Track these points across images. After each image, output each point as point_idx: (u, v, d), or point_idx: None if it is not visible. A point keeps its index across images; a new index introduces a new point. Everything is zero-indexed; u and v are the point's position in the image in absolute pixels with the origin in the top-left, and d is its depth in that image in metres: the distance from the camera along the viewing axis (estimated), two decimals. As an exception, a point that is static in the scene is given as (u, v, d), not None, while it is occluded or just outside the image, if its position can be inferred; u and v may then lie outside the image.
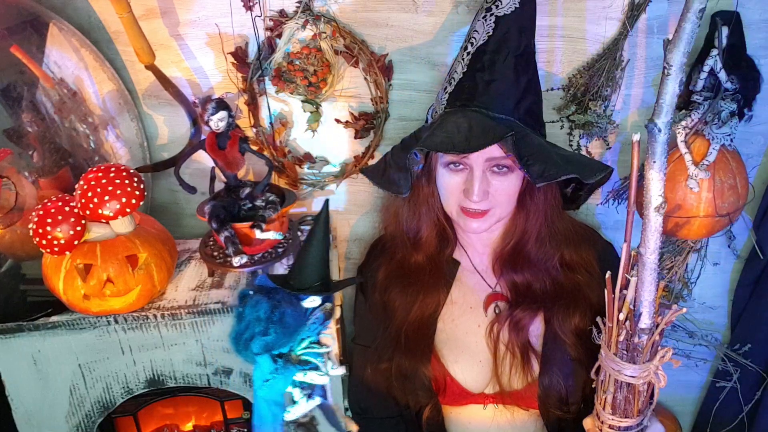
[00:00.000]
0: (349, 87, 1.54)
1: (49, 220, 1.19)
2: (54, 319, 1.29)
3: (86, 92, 1.47)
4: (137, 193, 1.24)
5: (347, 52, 1.49)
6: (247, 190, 1.40)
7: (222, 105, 1.31)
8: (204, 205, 1.36)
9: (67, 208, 1.21)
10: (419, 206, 1.41)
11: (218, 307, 1.32)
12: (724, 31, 1.34)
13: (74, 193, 1.23)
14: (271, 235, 1.36)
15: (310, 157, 1.62)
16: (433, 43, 1.49)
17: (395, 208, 1.47)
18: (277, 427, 1.20)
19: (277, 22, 1.45)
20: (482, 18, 1.27)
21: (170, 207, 1.66)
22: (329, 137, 1.60)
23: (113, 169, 1.24)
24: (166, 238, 1.37)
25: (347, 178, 1.64)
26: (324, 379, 1.21)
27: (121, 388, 1.37)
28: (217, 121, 1.31)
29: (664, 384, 1.14)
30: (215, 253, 1.41)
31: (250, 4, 1.42)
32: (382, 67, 1.49)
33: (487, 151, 1.23)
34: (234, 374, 1.38)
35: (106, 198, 1.21)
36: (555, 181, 1.23)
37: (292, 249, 1.44)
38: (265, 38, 1.47)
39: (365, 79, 1.52)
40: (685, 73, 1.44)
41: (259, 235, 1.34)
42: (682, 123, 1.39)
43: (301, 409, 1.21)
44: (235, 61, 1.49)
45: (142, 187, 1.26)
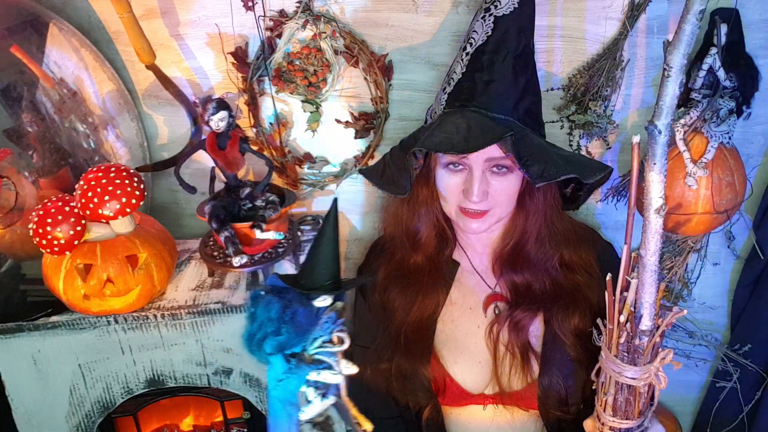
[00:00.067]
0: (349, 87, 1.54)
1: (49, 220, 1.19)
2: (54, 319, 1.29)
3: (86, 92, 1.47)
4: (137, 193, 1.24)
5: (347, 52, 1.49)
6: (247, 190, 1.40)
7: (222, 105, 1.31)
8: (204, 205, 1.36)
9: (67, 208, 1.22)
10: (418, 207, 1.41)
11: (218, 307, 1.32)
12: (723, 29, 1.34)
13: (74, 193, 1.23)
14: (271, 235, 1.36)
15: (310, 157, 1.62)
16: (432, 43, 1.49)
17: (394, 209, 1.46)
18: (292, 427, 1.20)
19: (277, 22, 1.45)
20: (481, 18, 1.27)
21: (170, 207, 1.66)
22: (329, 137, 1.60)
23: (113, 169, 1.24)
24: (166, 238, 1.37)
25: (347, 179, 1.64)
26: (337, 378, 1.21)
27: (121, 388, 1.37)
28: (218, 121, 1.31)
29: (664, 385, 1.14)
30: (215, 253, 1.41)
31: (250, 4, 1.43)
32: (382, 67, 1.49)
33: (486, 152, 1.23)
34: (234, 374, 1.38)
35: (106, 198, 1.21)
36: (554, 181, 1.23)
37: (292, 249, 1.45)
38: (265, 38, 1.47)
39: (365, 79, 1.52)
40: (684, 74, 1.45)
41: (259, 235, 1.34)
42: (681, 121, 1.39)
43: (316, 409, 1.21)
44: (235, 61, 1.49)
45: (142, 187, 1.26)
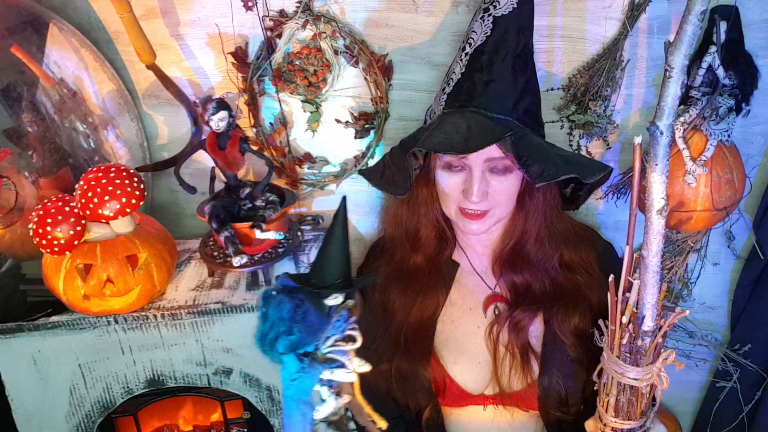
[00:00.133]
0: (349, 87, 1.54)
1: (49, 220, 1.19)
2: (54, 319, 1.29)
3: (86, 92, 1.47)
4: (137, 193, 1.24)
5: (347, 52, 1.49)
6: (247, 190, 1.40)
7: (222, 105, 1.31)
8: (204, 205, 1.36)
9: (67, 208, 1.22)
10: (418, 207, 1.41)
11: (218, 307, 1.32)
12: (723, 27, 1.34)
13: (74, 193, 1.23)
14: (271, 235, 1.36)
15: (310, 157, 1.62)
16: (432, 43, 1.49)
17: (394, 210, 1.46)
18: (306, 426, 1.20)
19: (277, 22, 1.45)
20: (480, 18, 1.27)
21: (170, 207, 1.66)
22: (329, 137, 1.60)
23: (113, 169, 1.24)
24: (166, 238, 1.37)
25: (347, 179, 1.64)
26: (351, 377, 1.21)
27: (121, 388, 1.37)
28: (218, 121, 1.31)
29: (666, 386, 1.14)
30: (215, 253, 1.41)
31: (250, 4, 1.42)
32: (382, 67, 1.49)
33: (486, 152, 1.23)
34: (234, 374, 1.38)
35: (106, 198, 1.21)
36: (554, 182, 1.23)
37: (292, 249, 1.44)
38: (265, 38, 1.47)
39: (365, 79, 1.52)
40: (685, 75, 1.45)
41: (259, 235, 1.34)
42: (680, 119, 1.39)
43: (330, 408, 1.21)
44: (235, 61, 1.49)
45: (142, 187, 1.26)
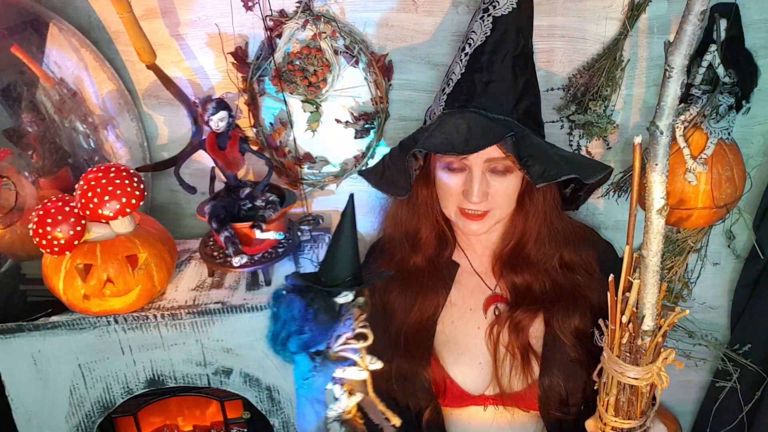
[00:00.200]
0: (349, 87, 1.54)
1: (49, 220, 1.19)
2: (54, 319, 1.29)
3: (86, 92, 1.46)
4: (137, 193, 1.24)
5: (347, 52, 1.49)
6: (247, 190, 1.40)
7: (222, 105, 1.31)
8: (204, 205, 1.36)
9: (67, 208, 1.21)
10: (418, 208, 1.41)
11: (218, 307, 1.32)
12: (723, 24, 1.34)
13: (74, 193, 1.23)
14: (271, 235, 1.36)
15: (310, 157, 1.62)
16: (432, 43, 1.49)
17: (394, 210, 1.46)
18: (321, 424, 1.20)
19: (277, 22, 1.45)
20: (479, 19, 1.27)
21: (170, 207, 1.66)
22: (329, 137, 1.60)
23: (113, 169, 1.24)
24: (166, 238, 1.37)
25: (347, 179, 1.64)
26: (363, 375, 1.21)
27: (121, 388, 1.37)
28: (218, 121, 1.31)
29: (666, 385, 1.14)
30: (215, 253, 1.41)
31: (250, 4, 1.42)
32: (382, 67, 1.49)
33: (486, 152, 1.23)
34: (234, 374, 1.38)
35: (106, 198, 1.21)
36: (555, 182, 1.23)
37: (291, 249, 1.44)
38: (265, 38, 1.47)
39: (365, 79, 1.52)
40: (685, 74, 1.45)
41: (259, 235, 1.34)
42: (681, 117, 1.39)
43: (343, 406, 1.21)
44: (235, 61, 1.49)
45: (142, 187, 1.26)
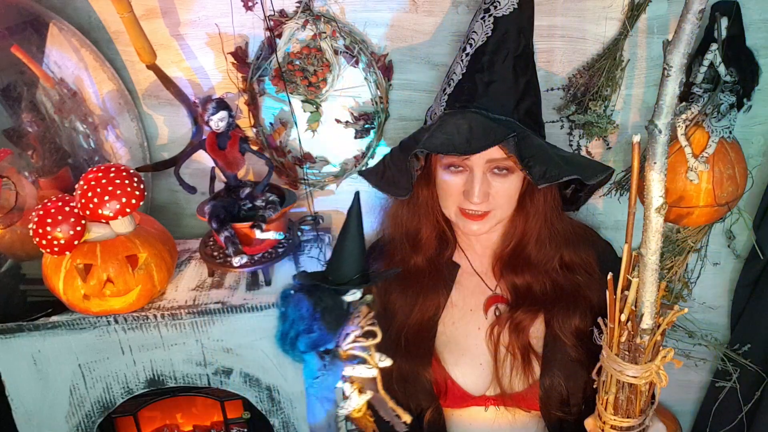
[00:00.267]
0: (349, 87, 1.54)
1: (49, 220, 1.19)
2: (54, 319, 1.29)
3: (86, 92, 1.47)
4: (137, 193, 1.24)
5: (347, 52, 1.49)
6: (247, 190, 1.40)
7: (222, 105, 1.31)
8: (204, 205, 1.36)
9: (67, 208, 1.21)
10: (418, 208, 1.41)
11: (218, 307, 1.32)
12: (724, 23, 1.34)
13: (74, 193, 1.23)
14: (271, 235, 1.36)
15: (310, 157, 1.62)
16: (432, 43, 1.49)
17: (395, 210, 1.46)
18: (332, 423, 1.20)
19: (277, 22, 1.45)
20: (480, 19, 1.27)
21: (170, 207, 1.66)
22: (329, 137, 1.60)
23: (113, 169, 1.23)
24: (166, 238, 1.36)
25: (347, 179, 1.64)
26: (372, 372, 1.21)
27: (121, 388, 1.37)
28: (218, 121, 1.31)
29: (665, 384, 1.14)
30: (215, 253, 1.41)
31: (250, 4, 1.43)
32: (382, 67, 1.49)
33: (487, 153, 1.23)
34: (234, 374, 1.38)
35: (106, 198, 1.20)
36: (556, 183, 1.23)
37: (291, 249, 1.44)
38: (265, 38, 1.47)
39: (365, 79, 1.52)
40: (683, 73, 1.45)
41: (259, 235, 1.34)
42: (682, 116, 1.39)
43: (354, 404, 1.21)
44: (235, 61, 1.49)
45: (142, 187, 1.26)
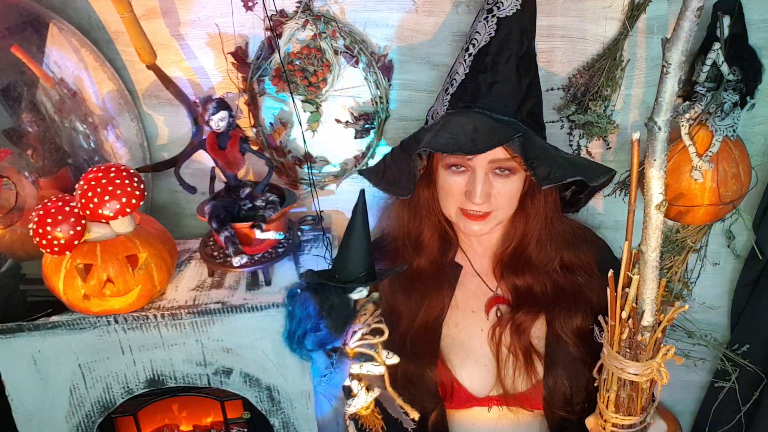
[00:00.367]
0: (349, 87, 1.54)
1: (49, 220, 1.19)
2: (54, 319, 1.29)
3: (86, 92, 1.47)
4: (137, 193, 1.24)
5: (347, 52, 1.49)
6: (247, 190, 1.40)
7: (222, 105, 1.31)
8: (204, 205, 1.36)
9: (67, 208, 1.21)
10: (420, 209, 1.41)
11: (218, 307, 1.31)
12: (726, 21, 1.34)
13: (74, 193, 1.23)
14: (271, 235, 1.36)
15: (310, 157, 1.62)
16: (433, 43, 1.49)
17: (396, 212, 1.46)
18: (339, 420, 1.20)
19: (277, 22, 1.45)
20: (483, 19, 1.27)
21: (170, 207, 1.66)
22: (329, 137, 1.60)
23: (113, 169, 1.23)
24: (166, 238, 1.36)
25: (347, 178, 1.64)
26: (380, 370, 1.21)
27: (121, 388, 1.37)
28: (218, 121, 1.31)
29: (666, 381, 1.14)
30: (215, 253, 1.41)
31: (250, 4, 1.43)
32: (383, 67, 1.49)
33: (490, 153, 1.23)
34: (234, 374, 1.38)
35: (106, 198, 1.20)
36: (559, 184, 1.23)
37: (292, 249, 1.44)
38: (265, 38, 1.47)
39: (365, 79, 1.52)
40: (684, 71, 1.45)
41: (259, 235, 1.34)
42: (686, 115, 1.40)
43: (362, 402, 1.21)
44: (235, 61, 1.49)
45: (142, 187, 1.25)
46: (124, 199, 1.22)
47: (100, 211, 1.21)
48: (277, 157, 1.59)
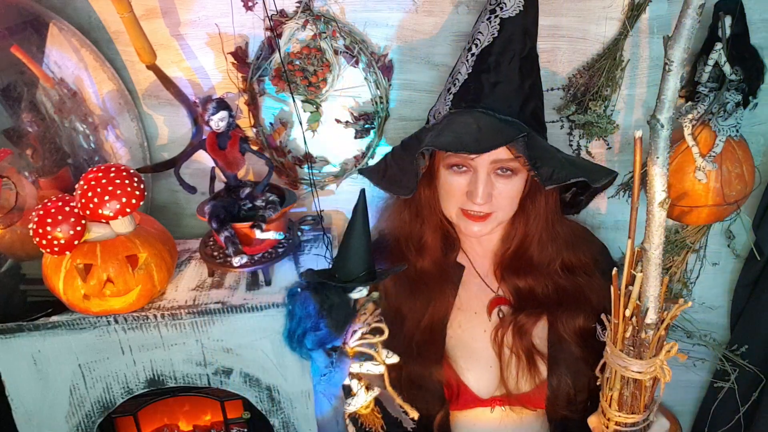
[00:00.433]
0: (349, 87, 1.54)
1: (49, 220, 1.19)
2: (54, 319, 1.28)
3: (86, 92, 1.46)
4: (137, 193, 1.24)
5: (347, 52, 1.49)
6: (247, 190, 1.40)
7: (222, 105, 1.31)
8: (204, 205, 1.36)
9: (67, 208, 1.21)
10: (421, 209, 1.40)
11: (218, 307, 1.31)
12: (728, 21, 1.34)
13: (74, 193, 1.23)
14: (271, 235, 1.36)
15: (310, 157, 1.61)
16: (433, 43, 1.49)
17: (396, 213, 1.46)
18: (339, 419, 1.20)
19: (277, 22, 1.45)
20: (486, 20, 1.27)
21: (170, 207, 1.66)
22: (329, 137, 1.60)
23: (113, 169, 1.23)
24: (166, 238, 1.36)
25: (347, 179, 1.64)
26: (380, 369, 1.21)
27: (121, 388, 1.36)
28: (218, 121, 1.30)
29: (669, 378, 1.14)
30: (215, 253, 1.41)
31: (250, 4, 1.43)
32: (383, 67, 1.49)
33: (493, 153, 1.23)
34: (234, 374, 1.37)
35: (106, 198, 1.20)
36: (562, 185, 1.23)
37: (291, 249, 1.44)
38: (265, 38, 1.47)
39: (365, 79, 1.52)
40: (685, 70, 1.45)
41: (259, 235, 1.34)
42: (689, 116, 1.40)
43: (361, 401, 1.21)
44: (235, 61, 1.49)
45: (142, 187, 1.25)
46: (124, 199, 1.21)
47: (100, 211, 1.21)
48: (277, 157, 1.59)
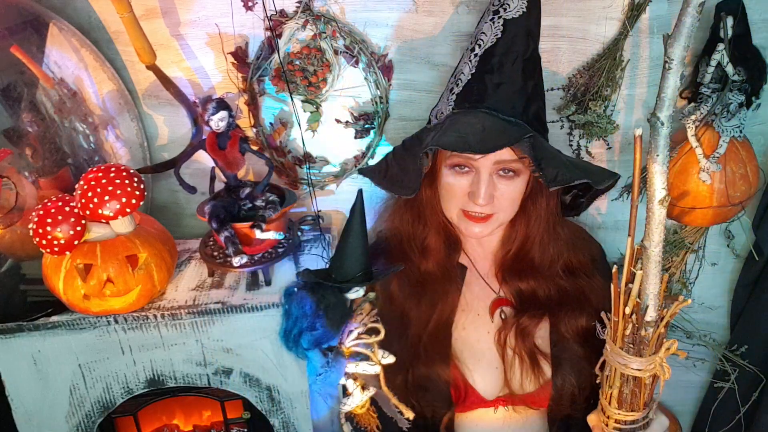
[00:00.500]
0: (349, 87, 1.54)
1: (49, 220, 1.19)
2: (54, 319, 1.28)
3: (86, 92, 1.46)
4: (137, 193, 1.24)
5: (347, 52, 1.49)
6: (247, 190, 1.40)
7: (222, 105, 1.31)
8: (204, 205, 1.36)
9: (67, 208, 1.21)
10: (423, 210, 1.40)
11: (218, 307, 1.31)
12: (729, 22, 1.34)
13: (74, 193, 1.23)
14: (271, 235, 1.36)
15: (310, 157, 1.62)
16: (433, 43, 1.49)
17: (397, 213, 1.46)
18: (334, 419, 1.20)
19: (277, 22, 1.45)
20: (489, 20, 1.27)
21: (170, 207, 1.66)
22: (329, 137, 1.60)
23: (113, 169, 1.23)
24: (166, 238, 1.36)
25: (347, 179, 1.64)
26: (375, 369, 1.21)
27: (121, 388, 1.36)
28: (218, 121, 1.30)
29: (668, 376, 1.14)
30: (215, 253, 1.41)
31: (250, 4, 1.43)
32: (383, 67, 1.49)
33: (497, 154, 1.23)
34: (234, 374, 1.37)
35: (106, 198, 1.20)
36: (566, 186, 1.23)
37: (291, 249, 1.44)
38: (265, 38, 1.47)
39: (365, 79, 1.52)
40: (688, 71, 1.46)
41: (259, 235, 1.34)
42: (692, 117, 1.40)
43: (357, 401, 1.21)
44: (235, 61, 1.49)
45: (142, 187, 1.25)
46: (124, 199, 1.21)
47: (100, 211, 1.21)
48: (277, 157, 1.59)
